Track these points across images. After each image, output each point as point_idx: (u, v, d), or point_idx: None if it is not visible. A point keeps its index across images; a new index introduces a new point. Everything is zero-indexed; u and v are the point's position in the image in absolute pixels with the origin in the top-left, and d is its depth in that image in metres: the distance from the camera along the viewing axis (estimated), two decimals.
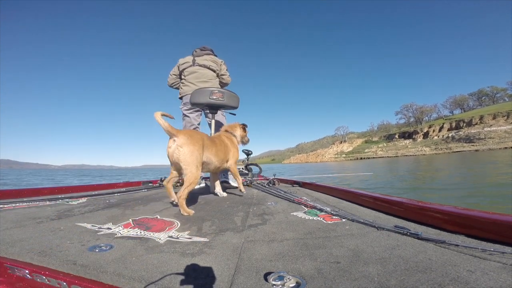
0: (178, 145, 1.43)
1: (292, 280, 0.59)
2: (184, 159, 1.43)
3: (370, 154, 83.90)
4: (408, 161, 26.36)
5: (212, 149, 1.72)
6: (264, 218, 1.25)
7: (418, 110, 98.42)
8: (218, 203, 1.71)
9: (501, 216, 0.84)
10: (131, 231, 1.02)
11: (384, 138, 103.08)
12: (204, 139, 1.64)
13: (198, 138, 1.55)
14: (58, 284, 0.58)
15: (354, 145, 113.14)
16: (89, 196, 2.01)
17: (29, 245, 0.82)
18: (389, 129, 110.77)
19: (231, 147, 2.03)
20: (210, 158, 1.71)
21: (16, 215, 1.27)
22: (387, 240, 0.87)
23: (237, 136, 2.18)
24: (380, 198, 1.36)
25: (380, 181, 8.30)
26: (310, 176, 11.01)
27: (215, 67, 2.79)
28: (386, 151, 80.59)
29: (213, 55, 2.89)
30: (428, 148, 68.15)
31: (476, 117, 68.68)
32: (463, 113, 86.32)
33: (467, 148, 56.85)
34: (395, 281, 0.58)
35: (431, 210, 1.05)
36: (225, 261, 0.73)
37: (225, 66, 2.90)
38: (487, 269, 0.62)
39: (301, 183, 2.61)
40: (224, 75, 2.90)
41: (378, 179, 9.11)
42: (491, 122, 63.93)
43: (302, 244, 0.86)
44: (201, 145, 1.56)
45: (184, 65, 2.75)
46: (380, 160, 50.77)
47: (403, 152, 72.59)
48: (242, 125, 2.27)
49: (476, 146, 56.01)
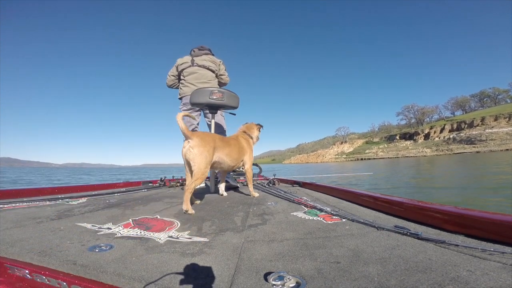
0: (191, 146, 1.57)
1: (292, 280, 0.59)
2: (194, 159, 1.56)
3: (370, 155, 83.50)
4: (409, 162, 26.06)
5: (224, 150, 1.80)
6: (264, 218, 1.25)
7: (419, 111, 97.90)
8: (218, 203, 1.71)
9: (501, 216, 0.84)
10: (131, 231, 1.02)
11: (385, 139, 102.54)
12: (216, 141, 1.74)
13: (209, 141, 1.66)
14: (58, 284, 0.59)
15: (355, 146, 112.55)
16: (89, 196, 2.01)
17: (29, 245, 0.82)
18: (390, 130, 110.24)
19: (247, 148, 2.07)
20: (222, 158, 1.79)
21: (16, 215, 1.27)
22: (387, 240, 0.87)
23: (253, 138, 2.23)
24: (380, 198, 1.36)
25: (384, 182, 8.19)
26: (310, 176, 10.99)
27: (214, 68, 2.78)
28: (387, 152, 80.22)
29: (211, 54, 2.87)
30: (429, 149, 67.88)
31: (478, 119, 68.38)
32: (464, 115, 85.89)
33: (468, 149, 56.57)
34: (395, 281, 0.58)
35: (431, 210, 1.05)
36: (225, 261, 0.73)
37: (223, 66, 2.88)
38: (487, 269, 0.62)
39: (301, 183, 2.62)
40: (223, 75, 2.88)
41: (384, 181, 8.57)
42: (493, 124, 63.62)
43: (302, 244, 0.86)
44: (212, 147, 1.67)
45: (183, 65, 2.74)
46: (380, 161, 50.47)
47: (403, 153, 72.28)
48: (258, 125, 2.32)
49: (477, 147, 55.71)
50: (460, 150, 57.83)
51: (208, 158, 1.61)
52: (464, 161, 18.95)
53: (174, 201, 1.82)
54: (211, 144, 1.67)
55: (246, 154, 2.04)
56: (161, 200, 1.87)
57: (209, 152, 1.62)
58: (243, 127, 2.28)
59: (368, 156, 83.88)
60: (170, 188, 2.74)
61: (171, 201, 1.80)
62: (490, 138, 57.58)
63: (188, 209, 1.40)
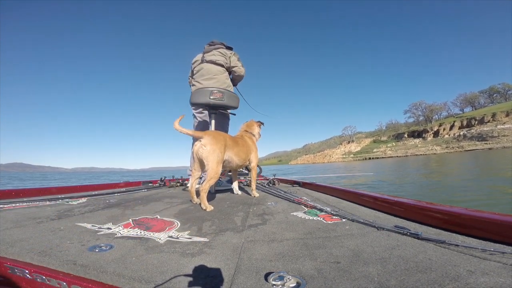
0: (203, 144, 1.58)
1: (292, 280, 0.59)
2: (207, 157, 1.57)
3: (379, 154, 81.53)
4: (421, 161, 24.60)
5: (234, 149, 1.82)
6: (264, 218, 1.25)
7: (427, 109, 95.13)
8: (218, 203, 1.71)
9: (501, 216, 0.84)
10: (131, 231, 1.02)
11: (393, 137, 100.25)
12: (226, 140, 1.75)
13: (220, 139, 1.67)
14: (58, 284, 0.58)
15: (362, 145, 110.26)
16: (89, 196, 2.01)
17: (29, 245, 0.82)
18: (398, 128, 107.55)
19: (252, 147, 2.08)
20: (231, 157, 1.80)
21: (16, 215, 1.27)
22: (387, 240, 0.87)
23: (255, 135, 2.23)
24: (380, 198, 1.36)
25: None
26: (310, 176, 10.95)
27: (223, 61, 2.61)
28: (396, 151, 78.20)
29: (224, 48, 2.68)
30: (439, 147, 66.16)
31: (488, 115, 66.76)
32: (474, 111, 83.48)
33: (480, 146, 54.65)
34: (395, 281, 0.58)
35: (431, 210, 1.05)
36: (225, 261, 0.73)
37: (235, 57, 2.67)
38: (487, 269, 0.62)
39: (301, 183, 2.61)
40: (234, 67, 2.67)
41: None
42: (504, 120, 61.97)
43: (302, 244, 0.86)
44: (223, 145, 1.67)
45: (194, 64, 2.70)
46: (389, 160, 49.01)
47: (413, 151, 70.37)
48: (259, 122, 2.32)
49: (489, 144, 53.99)
50: (472, 147, 55.93)
51: (220, 156, 1.62)
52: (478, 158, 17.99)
53: (174, 201, 1.82)
54: (223, 143, 1.67)
55: (252, 152, 2.05)
56: (161, 200, 1.87)
57: (221, 150, 1.64)
58: (244, 126, 2.29)
59: (376, 155, 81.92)
60: (170, 188, 2.74)
61: (171, 201, 1.79)
62: (502, 134, 55.85)
63: (206, 207, 1.46)
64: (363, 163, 40.96)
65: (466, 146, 58.22)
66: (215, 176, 1.58)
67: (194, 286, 0.59)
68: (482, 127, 63.91)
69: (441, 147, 65.29)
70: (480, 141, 58.21)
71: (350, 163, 51.03)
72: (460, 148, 58.95)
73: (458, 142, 64.50)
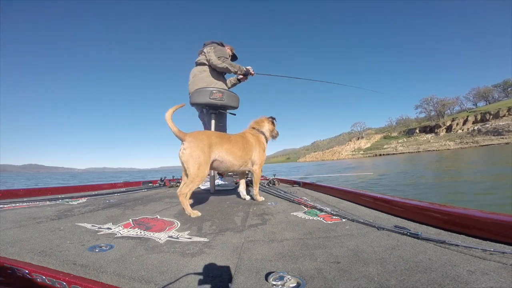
0: (184, 147, 1.47)
1: (292, 280, 0.59)
2: (187, 160, 1.45)
3: (389, 150, 79.42)
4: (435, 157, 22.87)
5: (224, 146, 1.62)
6: (264, 218, 1.25)
7: (439, 103, 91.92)
8: (218, 203, 1.71)
9: (501, 216, 0.84)
10: (131, 231, 1.02)
11: (403, 133, 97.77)
12: (211, 138, 1.59)
13: (202, 138, 1.53)
14: (58, 284, 0.59)
15: (372, 141, 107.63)
16: (89, 196, 2.01)
17: (29, 245, 0.82)
18: (408, 123, 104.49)
19: (255, 145, 1.83)
20: (222, 156, 1.61)
21: (16, 215, 1.27)
22: (387, 240, 0.87)
23: (265, 132, 1.96)
24: (380, 198, 1.36)
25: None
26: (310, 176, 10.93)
27: (204, 59, 2.55)
28: (407, 147, 76.08)
29: (214, 45, 2.57)
30: (453, 142, 64.11)
31: (504, 109, 63.97)
32: (488, 105, 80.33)
33: (496, 141, 52.96)
34: (395, 281, 0.58)
35: (431, 210, 1.05)
36: (225, 261, 0.73)
37: (211, 49, 2.50)
38: (487, 269, 0.62)
39: (301, 183, 2.61)
40: (210, 60, 2.49)
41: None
42: None
43: (302, 244, 0.86)
44: (206, 145, 1.52)
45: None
46: (401, 156, 47.04)
47: (425, 147, 68.31)
48: (270, 118, 2.05)
49: (506, 138, 52.18)
50: (487, 142, 53.92)
51: (202, 158, 1.47)
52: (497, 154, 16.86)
53: (174, 201, 1.82)
54: (205, 142, 1.52)
55: (255, 151, 1.80)
56: (161, 200, 1.87)
57: (203, 151, 1.49)
58: (252, 122, 2.04)
59: (387, 151, 79.91)
60: (170, 188, 2.74)
61: (171, 201, 1.80)
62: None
63: (190, 213, 1.35)
64: (373, 160, 39.79)
65: (481, 141, 56.58)
66: (195, 179, 1.44)
67: (194, 286, 0.59)
68: (498, 122, 62.07)
69: (454, 142, 63.64)
70: (496, 136, 56.39)
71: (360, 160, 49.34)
72: (474, 143, 57.35)
73: (472, 137, 62.84)
